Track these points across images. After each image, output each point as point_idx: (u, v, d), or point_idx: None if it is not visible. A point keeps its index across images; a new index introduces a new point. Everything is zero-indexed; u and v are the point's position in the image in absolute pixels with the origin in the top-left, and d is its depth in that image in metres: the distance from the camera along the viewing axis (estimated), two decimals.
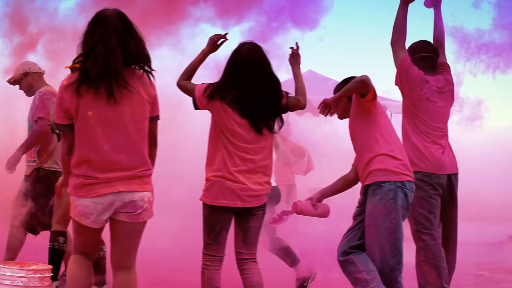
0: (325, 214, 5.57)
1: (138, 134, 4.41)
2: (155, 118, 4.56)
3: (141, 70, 4.43)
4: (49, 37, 7.73)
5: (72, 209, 4.44)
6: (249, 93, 5.15)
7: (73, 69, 4.51)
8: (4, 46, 8.20)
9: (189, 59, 5.63)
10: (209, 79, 5.45)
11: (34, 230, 6.79)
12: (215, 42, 5.50)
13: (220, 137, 5.17)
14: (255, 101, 5.15)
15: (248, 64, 5.16)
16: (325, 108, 5.33)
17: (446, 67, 6.32)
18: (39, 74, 6.90)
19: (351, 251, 5.33)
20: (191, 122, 8.03)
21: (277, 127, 5.28)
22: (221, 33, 5.62)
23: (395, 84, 6.18)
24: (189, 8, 7.39)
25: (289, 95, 5.36)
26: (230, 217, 5.24)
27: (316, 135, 12.22)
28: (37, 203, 6.56)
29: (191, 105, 5.43)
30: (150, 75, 4.48)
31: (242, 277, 5.27)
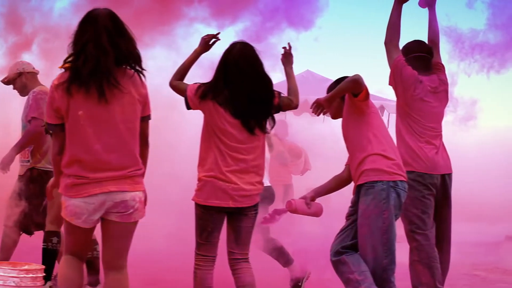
0: (318, 213, 5.58)
1: (129, 133, 4.40)
2: (146, 117, 4.55)
3: (132, 69, 4.42)
4: (44, 37, 7.73)
5: (63, 209, 4.44)
6: (240, 93, 5.14)
7: (67, 69, 4.50)
8: None
9: (184, 59, 5.62)
10: (203, 79, 5.44)
11: (28, 230, 6.78)
12: (207, 42, 5.50)
13: (212, 137, 5.17)
14: (247, 101, 5.14)
15: (239, 64, 5.16)
16: (318, 108, 5.33)
17: (440, 67, 6.31)
18: (33, 74, 6.89)
19: (343, 251, 5.32)
20: (186, 122, 8.02)
21: (269, 127, 5.28)
22: (220, 33, 5.62)
23: (389, 84, 6.18)
24: (183, 8, 7.39)
25: (282, 95, 5.35)
26: (222, 217, 5.24)
27: (313, 135, 12.25)
28: (30, 203, 6.56)
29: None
30: (141, 75, 4.47)
31: (234, 277, 5.26)
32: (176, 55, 7.36)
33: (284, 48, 5.60)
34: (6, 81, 7.00)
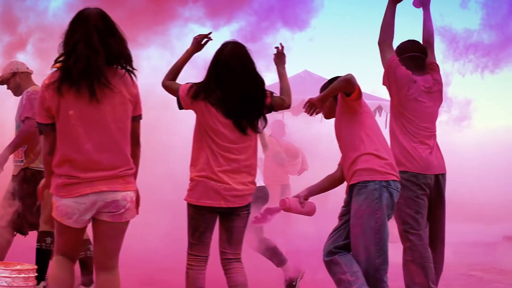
0: (311, 212, 5.58)
1: (120, 133, 4.39)
2: (137, 117, 4.54)
3: (123, 69, 4.41)
4: (39, 36, 7.73)
5: (54, 209, 4.42)
6: (232, 93, 5.13)
7: (58, 68, 4.49)
8: None
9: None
10: (197, 79, 5.43)
11: (22, 230, 6.78)
12: (199, 41, 5.50)
13: (204, 137, 5.16)
14: (239, 101, 5.13)
15: (231, 64, 5.15)
16: (311, 107, 5.32)
17: (435, 67, 6.29)
18: (27, 74, 6.89)
19: (336, 251, 5.32)
20: (180, 121, 8.02)
21: (261, 127, 5.27)
22: (212, 32, 5.61)
23: (383, 84, 6.16)
24: (178, 8, 7.39)
25: (274, 95, 5.35)
26: (214, 217, 5.23)
27: (310, 135, 12.24)
28: (24, 203, 6.56)
29: None
30: (132, 75, 4.46)
31: (226, 277, 5.25)
32: (170, 55, 7.38)
33: (276, 48, 5.59)
34: (0, 81, 7.00)
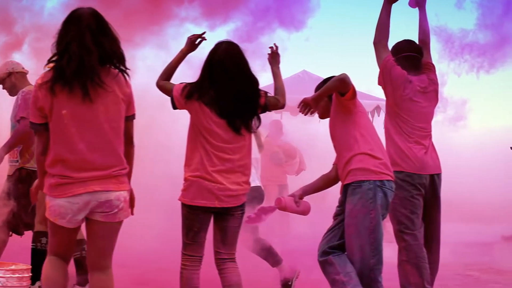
0: (306, 211, 5.58)
1: (113, 133, 4.38)
2: (130, 117, 4.53)
3: (116, 69, 4.41)
4: (35, 36, 7.73)
5: (47, 209, 4.41)
6: (226, 93, 5.13)
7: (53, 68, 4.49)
8: None
9: None
10: (193, 79, 5.42)
11: (17, 230, 6.78)
12: (193, 41, 5.49)
13: (198, 137, 5.15)
14: (233, 100, 5.13)
15: (224, 63, 5.15)
16: (305, 107, 5.32)
17: (431, 67, 6.29)
18: (22, 74, 6.90)
19: (331, 251, 5.32)
20: (177, 121, 8.02)
21: (254, 127, 5.27)
22: (207, 32, 5.61)
23: (378, 84, 6.16)
24: (174, 8, 7.38)
25: (268, 95, 5.34)
26: (208, 217, 5.22)
27: (308, 135, 12.23)
28: (19, 203, 6.56)
29: None
30: (125, 74, 4.46)
31: (220, 277, 5.24)
32: (166, 55, 7.38)
33: (271, 48, 5.59)
34: None
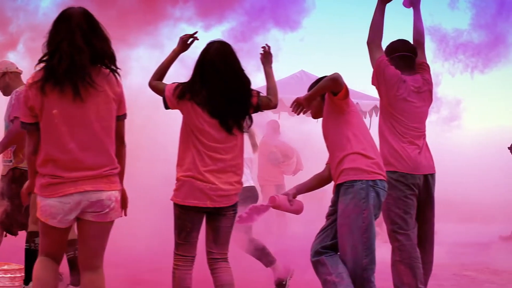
0: (299, 211, 5.58)
1: (104, 132, 4.38)
2: (122, 116, 4.53)
3: (107, 69, 4.41)
4: (30, 36, 7.72)
5: (38, 209, 4.40)
6: (218, 92, 5.13)
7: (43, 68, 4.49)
8: None
9: None
10: (187, 78, 5.42)
11: (11, 230, 6.78)
12: (185, 41, 5.49)
13: (190, 136, 5.15)
14: (224, 100, 5.12)
15: (216, 63, 5.14)
16: (298, 106, 5.32)
17: (425, 67, 6.28)
18: (16, 74, 6.90)
19: (323, 252, 5.31)
20: (171, 121, 8.03)
21: (246, 127, 5.27)
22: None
23: (372, 84, 6.15)
24: (168, 8, 7.38)
25: (261, 95, 5.34)
26: (200, 217, 5.22)
27: (305, 135, 12.20)
28: (13, 203, 6.55)
29: None
30: (116, 74, 4.46)
31: (213, 277, 5.24)
32: (161, 55, 7.37)
33: (263, 47, 5.59)
34: None
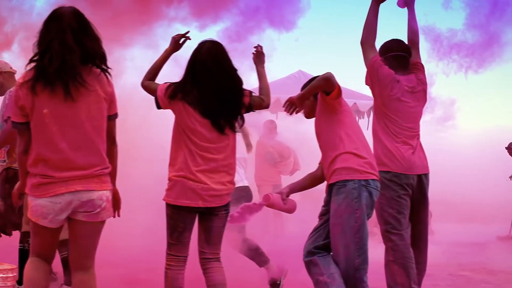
0: (292, 210, 5.59)
1: (95, 132, 4.37)
2: (113, 116, 4.52)
3: (98, 68, 4.41)
4: (25, 36, 7.71)
5: (29, 209, 4.39)
6: (209, 92, 5.12)
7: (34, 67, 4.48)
8: None
9: None
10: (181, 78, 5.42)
11: (4, 230, 6.77)
12: (177, 41, 5.50)
13: (182, 136, 5.15)
14: (216, 100, 5.12)
15: (207, 63, 5.13)
16: (290, 106, 5.32)
17: (419, 67, 6.27)
18: (10, 73, 6.89)
19: (316, 252, 5.31)
20: (165, 121, 8.03)
21: (238, 126, 5.26)
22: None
23: (366, 83, 6.15)
24: (163, 8, 7.37)
25: (253, 94, 5.33)
26: (193, 217, 5.21)
27: (302, 135, 12.20)
28: (6, 203, 6.54)
29: None
30: (107, 74, 4.45)
31: (205, 276, 5.23)
32: (156, 55, 7.36)
33: (255, 47, 5.59)
34: None
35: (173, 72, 5.86)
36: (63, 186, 4.31)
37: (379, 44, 6.20)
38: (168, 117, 7.20)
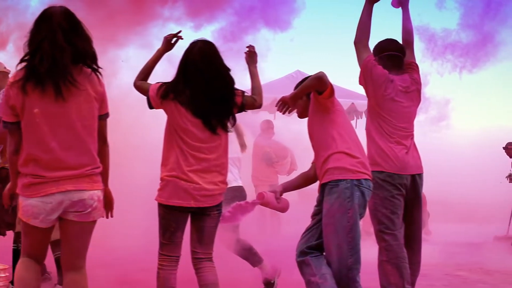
0: (285, 209, 5.60)
1: (86, 132, 4.37)
2: (104, 116, 4.52)
3: (89, 68, 4.40)
4: (19, 35, 7.69)
5: (20, 209, 4.38)
6: (201, 92, 5.11)
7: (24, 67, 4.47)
8: None
9: None
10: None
11: None
12: (169, 41, 5.50)
13: (174, 136, 5.14)
14: (207, 100, 5.11)
15: (199, 63, 5.12)
16: (283, 105, 5.31)
17: (414, 67, 6.27)
18: (4, 73, 6.90)
19: (309, 252, 5.30)
20: (161, 121, 8.03)
21: (230, 126, 5.26)
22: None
23: (359, 83, 6.14)
24: (157, 8, 7.36)
25: (245, 94, 5.32)
26: (185, 217, 5.21)
27: (300, 135, 12.18)
28: None
29: None
30: (98, 73, 4.45)
31: (197, 276, 5.22)
32: (150, 55, 7.35)
33: (248, 47, 5.58)
34: None
35: (167, 72, 5.85)
36: (54, 186, 4.30)
37: (373, 43, 6.20)
38: (162, 117, 7.20)
